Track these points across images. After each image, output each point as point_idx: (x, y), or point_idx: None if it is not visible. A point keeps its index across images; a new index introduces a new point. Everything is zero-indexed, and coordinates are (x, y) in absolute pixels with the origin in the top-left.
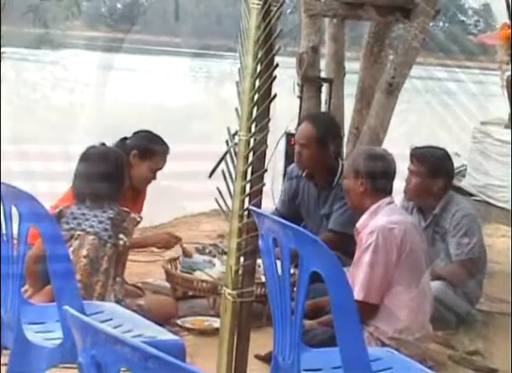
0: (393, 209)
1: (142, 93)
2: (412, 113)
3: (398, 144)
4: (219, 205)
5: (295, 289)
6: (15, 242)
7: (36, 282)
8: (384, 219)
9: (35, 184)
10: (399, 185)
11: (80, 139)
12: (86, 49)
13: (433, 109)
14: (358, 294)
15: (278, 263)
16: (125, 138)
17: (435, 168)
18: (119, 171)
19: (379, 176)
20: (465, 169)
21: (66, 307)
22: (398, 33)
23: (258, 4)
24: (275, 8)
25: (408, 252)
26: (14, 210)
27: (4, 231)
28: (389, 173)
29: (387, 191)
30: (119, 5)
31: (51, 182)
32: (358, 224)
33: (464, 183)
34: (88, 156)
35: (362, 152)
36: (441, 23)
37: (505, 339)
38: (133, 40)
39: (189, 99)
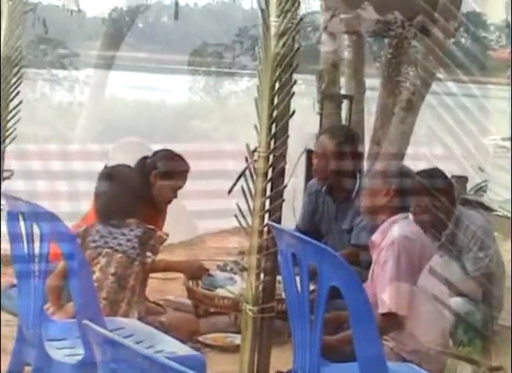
0: (409, 222)
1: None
2: (428, 129)
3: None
4: (238, 222)
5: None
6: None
7: (58, 299)
8: (402, 230)
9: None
10: None
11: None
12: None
13: (448, 125)
14: (387, 306)
15: (298, 279)
16: (146, 158)
17: (433, 191)
18: (138, 189)
19: (405, 192)
20: (487, 185)
21: (86, 321)
22: (417, 50)
23: (277, 21)
24: (294, 25)
25: (426, 263)
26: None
27: (25, 249)
28: (413, 191)
29: (407, 207)
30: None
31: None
32: (374, 237)
33: (486, 198)
34: (106, 175)
35: (393, 165)
36: (463, 40)
37: None
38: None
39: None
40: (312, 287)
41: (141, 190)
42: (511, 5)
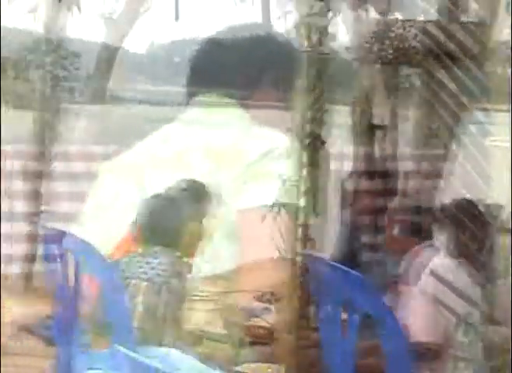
0: (434, 250)
1: None
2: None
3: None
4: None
5: None
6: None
7: (94, 329)
8: (425, 260)
9: None
10: None
11: None
12: None
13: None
14: (421, 338)
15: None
16: (170, 188)
17: (461, 221)
18: (178, 219)
19: (413, 228)
20: None
21: (116, 345)
22: (447, 79)
23: (308, 50)
24: (326, 54)
25: (451, 289)
26: None
27: (61, 278)
28: (439, 222)
29: (426, 238)
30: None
31: None
32: (400, 269)
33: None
34: (150, 205)
35: (398, 204)
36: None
37: None
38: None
39: None
40: (344, 317)
41: (177, 218)
42: (511, 5)
